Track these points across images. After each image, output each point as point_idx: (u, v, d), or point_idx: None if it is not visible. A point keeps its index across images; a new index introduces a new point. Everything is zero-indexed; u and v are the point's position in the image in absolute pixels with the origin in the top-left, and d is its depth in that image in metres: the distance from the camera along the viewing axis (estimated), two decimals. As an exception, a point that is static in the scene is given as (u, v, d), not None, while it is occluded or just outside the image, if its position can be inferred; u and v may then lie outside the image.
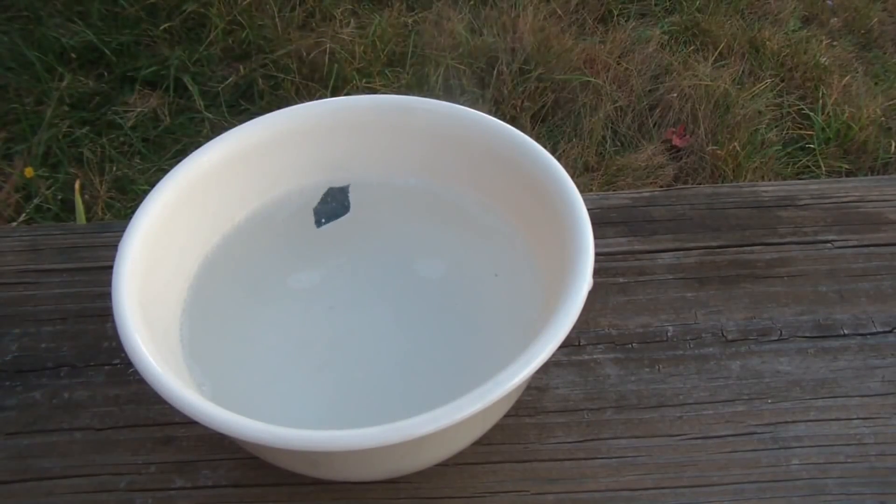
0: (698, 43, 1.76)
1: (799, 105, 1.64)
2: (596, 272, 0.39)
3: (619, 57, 1.70)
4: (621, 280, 0.50)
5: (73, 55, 1.68)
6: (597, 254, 0.40)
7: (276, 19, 1.75)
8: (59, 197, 1.43)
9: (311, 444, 0.34)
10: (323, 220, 0.48)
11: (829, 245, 0.52)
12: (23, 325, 0.49)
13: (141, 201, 0.43)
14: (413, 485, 0.42)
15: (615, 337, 0.47)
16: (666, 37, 1.76)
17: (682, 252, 0.52)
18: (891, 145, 1.56)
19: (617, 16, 1.82)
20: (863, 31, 1.82)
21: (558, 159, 0.44)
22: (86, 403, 0.45)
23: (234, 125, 0.47)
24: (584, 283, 0.38)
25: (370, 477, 0.41)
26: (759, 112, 1.61)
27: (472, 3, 1.80)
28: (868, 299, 0.49)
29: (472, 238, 0.47)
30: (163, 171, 0.45)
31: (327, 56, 1.67)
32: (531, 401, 0.44)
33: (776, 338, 0.47)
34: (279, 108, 0.48)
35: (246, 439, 0.35)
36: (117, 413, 0.45)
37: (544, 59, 1.66)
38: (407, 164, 0.49)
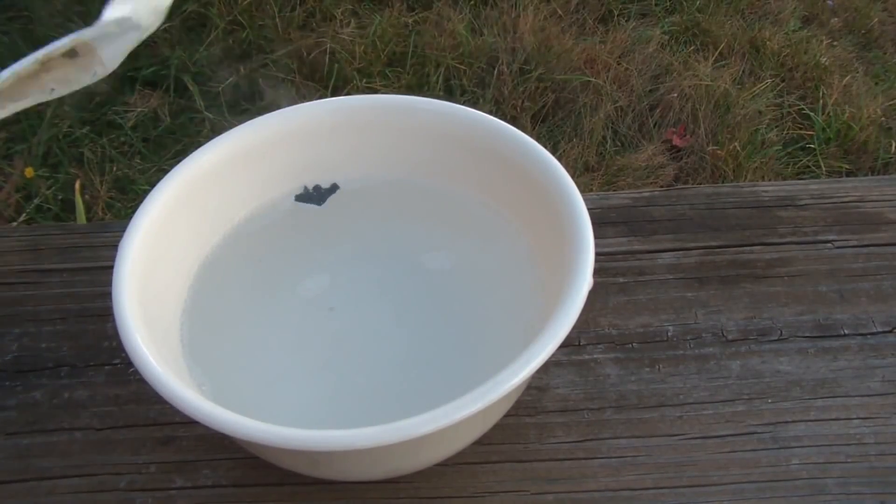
0: (698, 43, 1.76)
1: (799, 105, 1.64)
2: (596, 272, 0.39)
3: (620, 57, 1.69)
4: (621, 280, 0.50)
5: (74, 55, 1.68)
6: (597, 254, 0.40)
7: (276, 19, 1.75)
8: (60, 197, 1.43)
9: (311, 444, 0.34)
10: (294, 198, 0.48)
11: (829, 245, 0.52)
12: (23, 325, 0.49)
13: (141, 201, 0.43)
14: (413, 485, 0.42)
15: (615, 337, 0.47)
16: (666, 37, 1.76)
17: (682, 252, 0.52)
18: (891, 145, 1.56)
19: (617, 16, 1.81)
20: (863, 31, 1.82)
21: (558, 159, 0.44)
22: (86, 403, 0.45)
23: (234, 125, 0.47)
24: (585, 282, 0.38)
25: (370, 476, 0.41)
26: (760, 112, 1.61)
27: (472, 3, 1.80)
28: (868, 299, 0.49)
29: (473, 238, 0.47)
30: (163, 171, 0.45)
31: (327, 56, 1.67)
32: (531, 400, 0.44)
33: (776, 338, 0.47)
34: (279, 108, 0.48)
35: (246, 439, 0.35)
36: (117, 413, 0.45)
37: (544, 59, 1.66)
38: (407, 164, 0.49)
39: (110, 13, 0.41)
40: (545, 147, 0.44)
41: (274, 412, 0.40)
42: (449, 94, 1.61)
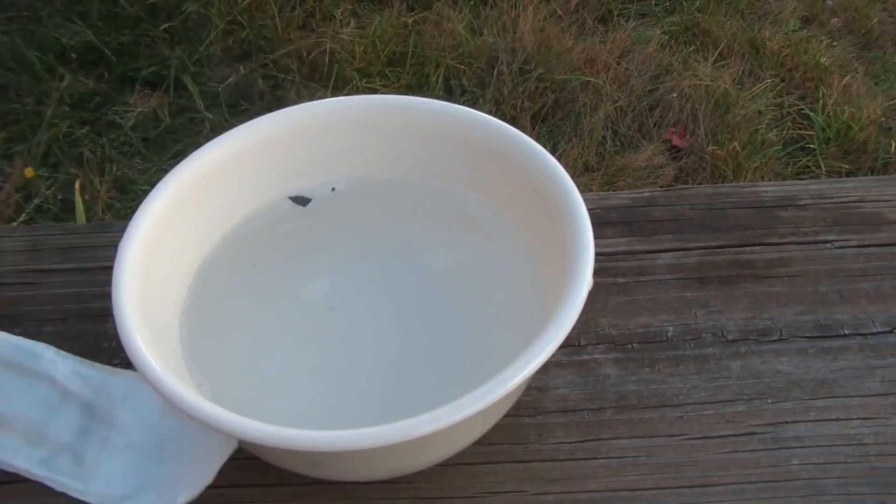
0: (698, 43, 1.76)
1: (799, 105, 1.64)
2: (596, 272, 0.39)
3: (619, 57, 1.69)
4: (621, 280, 0.50)
5: (73, 55, 1.68)
6: (597, 254, 0.40)
7: (276, 19, 1.75)
8: (59, 197, 1.43)
9: (312, 444, 0.34)
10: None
11: (829, 245, 0.52)
12: (23, 325, 0.48)
13: (141, 201, 0.43)
14: (413, 485, 0.42)
15: (615, 337, 0.47)
16: (666, 37, 1.76)
17: (682, 252, 0.52)
18: (891, 145, 1.56)
19: (617, 16, 1.81)
20: (863, 31, 1.82)
21: (558, 159, 0.44)
22: (86, 403, 0.45)
23: (234, 125, 0.47)
24: (585, 283, 0.38)
25: (370, 477, 0.41)
26: (759, 112, 1.61)
27: (472, 3, 1.80)
28: (868, 299, 0.49)
29: (473, 238, 0.47)
30: (163, 171, 0.45)
31: (327, 56, 1.66)
32: (531, 401, 0.44)
33: (776, 338, 0.47)
34: (279, 108, 0.48)
35: (246, 439, 0.35)
36: (117, 413, 0.45)
37: (544, 59, 1.66)
38: (407, 164, 0.49)
39: None
40: (545, 147, 0.44)
41: (273, 412, 0.40)
42: (449, 94, 1.61)
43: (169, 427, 0.42)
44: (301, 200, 0.49)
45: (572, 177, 0.43)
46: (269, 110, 0.48)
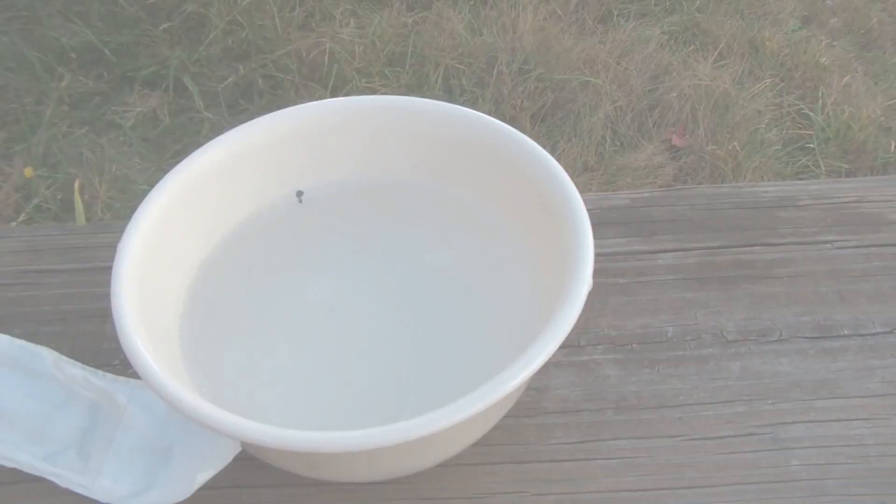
0: (698, 43, 1.75)
1: (799, 105, 1.64)
2: (596, 273, 0.39)
3: (619, 57, 1.69)
4: (621, 281, 0.50)
5: (73, 55, 1.68)
6: (597, 254, 0.40)
7: (276, 19, 1.75)
8: (59, 197, 1.43)
9: (312, 446, 0.34)
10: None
11: (828, 245, 0.52)
12: (23, 325, 0.48)
13: (141, 201, 0.43)
14: (413, 486, 0.42)
15: (615, 338, 0.47)
16: (666, 37, 1.76)
17: (681, 252, 0.51)
18: (890, 145, 1.56)
19: (617, 16, 1.81)
20: (863, 31, 1.82)
21: (558, 159, 0.44)
22: (85, 404, 0.45)
23: (234, 125, 0.47)
24: (584, 284, 0.38)
25: (370, 478, 0.41)
26: (759, 112, 1.60)
27: (471, 3, 1.80)
28: (868, 300, 0.49)
29: (472, 238, 0.47)
30: (163, 171, 0.45)
31: (327, 56, 1.66)
32: (531, 402, 0.44)
33: (776, 338, 0.47)
34: (279, 108, 0.48)
35: (246, 441, 0.35)
36: (117, 414, 0.45)
37: (544, 59, 1.66)
38: (406, 164, 0.48)
39: None
40: (544, 147, 0.44)
41: (273, 413, 0.40)
42: (448, 94, 1.61)
43: (176, 427, 0.42)
44: (299, 196, 0.49)
45: (572, 177, 0.43)
46: (269, 110, 0.47)
